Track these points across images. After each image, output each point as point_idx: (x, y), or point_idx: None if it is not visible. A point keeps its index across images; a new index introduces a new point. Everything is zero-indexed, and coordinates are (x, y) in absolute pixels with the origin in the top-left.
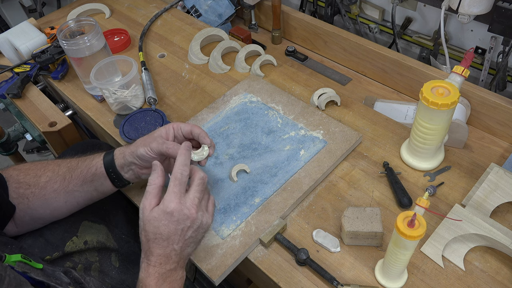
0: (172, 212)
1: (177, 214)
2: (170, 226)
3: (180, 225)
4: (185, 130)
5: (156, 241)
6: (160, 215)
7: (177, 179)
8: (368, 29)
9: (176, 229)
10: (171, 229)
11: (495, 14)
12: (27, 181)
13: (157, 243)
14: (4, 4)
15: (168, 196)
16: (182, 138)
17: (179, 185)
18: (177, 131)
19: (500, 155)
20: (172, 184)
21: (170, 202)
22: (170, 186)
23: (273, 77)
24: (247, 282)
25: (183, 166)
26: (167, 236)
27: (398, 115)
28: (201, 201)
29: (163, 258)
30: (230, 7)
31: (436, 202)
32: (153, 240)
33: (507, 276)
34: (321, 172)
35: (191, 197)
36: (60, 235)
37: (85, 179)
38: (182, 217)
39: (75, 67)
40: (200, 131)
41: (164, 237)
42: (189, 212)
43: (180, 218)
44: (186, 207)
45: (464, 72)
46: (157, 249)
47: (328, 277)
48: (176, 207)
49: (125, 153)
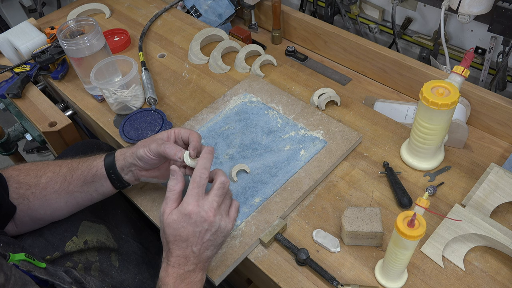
0: (190, 214)
1: (194, 216)
2: (188, 228)
3: (198, 227)
4: (184, 136)
5: (175, 242)
6: (178, 217)
7: (196, 182)
8: (368, 29)
9: (194, 231)
10: (189, 231)
11: (495, 14)
12: (27, 181)
13: (176, 244)
14: (4, 4)
15: (187, 198)
16: (182, 143)
17: (197, 188)
18: (177, 136)
19: (500, 155)
20: (191, 187)
21: (188, 205)
22: (189, 189)
23: (273, 77)
24: (247, 282)
25: (202, 169)
26: (185, 238)
27: (398, 115)
28: (221, 205)
29: (182, 259)
30: (230, 7)
31: (436, 202)
32: (173, 242)
33: (507, 276)
34: (321, 172)
35: (210, 200)
36: (60, 235)
37: (85, 179)
38: (199, 219)
39: (75, 67)
40: (194, 139)
41: (183, 238)
42: (206, 215)
43: (197, 220)
44: (203, 210)
45: (464, 72)
46: (176, 250)
47: (328, 277)
48: (194, 209)
49: (126, 154)
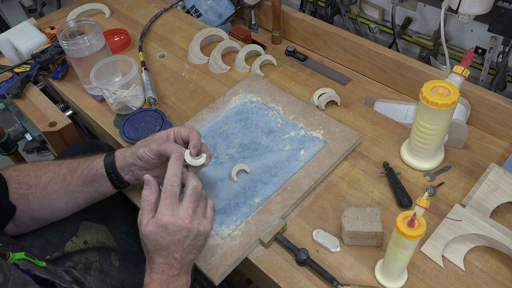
0: (166, 225)
1: (171, 226)
2: (167, 238)
3: (176, 236)
4: (184, 134)
5: (156, 252)
6: (155, 229)
7: (168, 191)
8: (368, 29)
9: (173, 240)
10: (168, 241)
11: (495, 14)
12: (27, 181)
13: (157, 253)
14: (4, 4)
15: (160, 209)
16: (182, 142)
17: (170, 197)
18: (177, 135)
19: (500, 155)
20: (163, 197)
21: (163, 216)
22: (162, 199)
23: (273, 77)
24: (247, 282)
25: (172, 177)
26: (165, 247)
27: (398, 115)
28: (196, 209)
29: (165, 266)
30: (230, 7)
31: (436, 202)
32: (153, 252)
33: (507, 276)
34: (321, 172)
35: (184, 207)
36: (60, 235)
37: (85, 179)
38: (176, 228)
39: (75, 67)
40: (194, 138)
41: (163, 248)
42: (183, 223)
43: (175, 229)
44: (179, 218)
45: (464, 72)
46: (158, 258)
47: (328, 277)
48: (169, 219)
49: (126, 154)
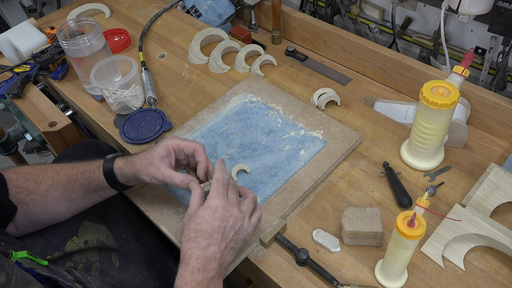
0: (216, 207)
1: (221, 209)
2: (213, 223)
3: (223, 223)
4: (188, 152)
5: (197, 239)
6: (203, 212)
7: (219, 180)
8: (368, 29)
9: (219, 226)
10: (213, 226)
11: (495, 14)
12: (27, 187)
13: (197, 242)
14: (4, 4)
15: (212, 193)
16: (185, 156)
17: (222, 185)
18: (178, 151)
19: (500, 155)
20: (215, 185)
21: (214, 199)
22: (213, 186)
23: (273, 77)
24: (247, 282)
25: (222, 171)
26: (208, 233)
27: (398, 115)
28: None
29: (202, 262)
30: (230, 7)
31: (436, 202)
32: (194, 239)
33: (507, 276)
34: (321, 172)
35: (235, 197)
36: (61, 235)
37: (87, 190)
38: (225, 214)
39: (75, 67)
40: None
41: (205, 234)
42: (232, 209)
43: (223, 214)
44: (229, 204)
45: (464, 72)
46: (196, 251)
47: (328, 277)
48: (220, 203)
49: (127, 174)
